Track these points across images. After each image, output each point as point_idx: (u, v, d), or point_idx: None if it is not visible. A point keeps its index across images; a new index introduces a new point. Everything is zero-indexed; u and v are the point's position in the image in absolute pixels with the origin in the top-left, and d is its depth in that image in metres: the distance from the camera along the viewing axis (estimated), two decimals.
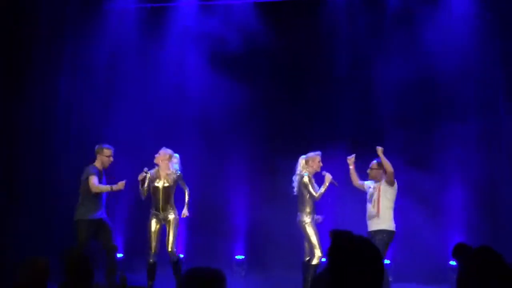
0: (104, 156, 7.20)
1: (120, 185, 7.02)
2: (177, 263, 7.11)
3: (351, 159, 7.34)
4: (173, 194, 7.22)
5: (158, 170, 7.21)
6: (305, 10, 9.18)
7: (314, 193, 7.13)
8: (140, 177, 7.07)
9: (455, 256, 5.37)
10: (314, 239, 7.12)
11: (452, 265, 8.18)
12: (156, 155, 7.22)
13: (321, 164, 7.32)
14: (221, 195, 8.92)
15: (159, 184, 7.17)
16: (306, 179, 7.19)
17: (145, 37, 9.46)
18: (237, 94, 9.05)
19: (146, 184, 7.10)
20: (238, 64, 9.21)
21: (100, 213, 7.15)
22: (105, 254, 7.10)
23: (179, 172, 7.22)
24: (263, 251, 8.94)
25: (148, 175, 7.11)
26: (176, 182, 7.21)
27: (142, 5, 9.54)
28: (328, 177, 7.19)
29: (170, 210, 7.17)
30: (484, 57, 8.69)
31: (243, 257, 9.15)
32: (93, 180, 6.99)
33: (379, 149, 7.02)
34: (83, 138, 8.93)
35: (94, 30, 9.21)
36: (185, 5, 9.56)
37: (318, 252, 7.07)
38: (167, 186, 7.16)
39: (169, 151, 7.30)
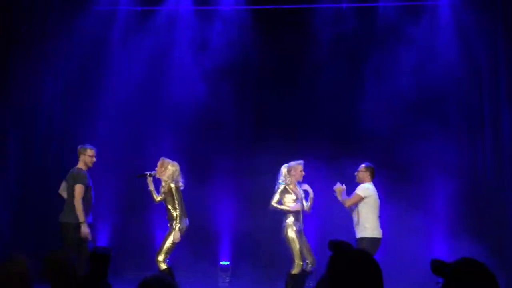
0: (87, 155, 7.11)
1: (85, 232, 6.82)
2: (162, 272, 6.93)
3: (337, 187, 7.14)
4: (170, 205, 7.01)
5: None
6: (296, 17, 9.19)
7: (273, 202, 7.12)
8: (139, 175, 7.12)
9: (436, 274, 5.37)
10: (294, 247, 7.05)
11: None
12: (156, 168, 7.14)
13: (303, 173, 7.27)
14: (206, 200, 8.86)
15: (162, 194, 7.11)
16: (279, 188, 7.18)
17: (133, 39, 9.43)
18: (224, 98, 9.10)
19: (151, 188, 7.10)
20: (226, 69, 9.19)
21: (89, 218, 7.06)
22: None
23: (173, 183, 6.99)
24: (248, 257, 8.93)
25: (148, 177, 7.09)
26: (169, 193, 7.02)
27: (132, 7, 9.50)
28: (297, 206, 7.10)
29: (171, 221, 7.04)
30: (469, 67, 8.77)
31: (228, 263, 9.10)
32: (80, 190, 6.87)
33: (338, 189, 7.04)
34: (66, 138, 8.85)
35: (79, 30, 9.12)
36: (175, 8, 9.53)
37: (298, 261, 7.01)
38: (164, 197, 7.08)
39: (166, 160, 7.15)
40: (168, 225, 7.09)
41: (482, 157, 8.60)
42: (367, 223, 6.81)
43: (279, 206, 7.15)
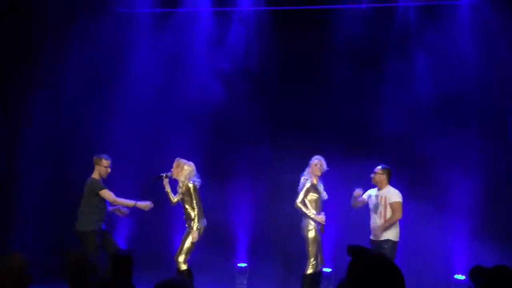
0: (102, 166, 7.16)
1: (147, 205, 7.10)
2: (181, 273, 6.95)
3: (357, 193, 7.13)
4: (188, 205, 7.05)
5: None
6: (314, 17, 9.13)
7: (298, 201, 7.10)
8: (156, 177, 7.15)
9: (472, 279, 5.32)
10: (312, 247, 7.06)
11: (457, 279, 8.10)
12: (172, 169, 7.16)
13: (321, 168, 7.21)
14: (223, 201, 8.84)
15: (180, 194, 7.14)
16: (304, 186, 7.15)
17: (151, 40, 9.45)
18: (241, 99, 9.09)
19: (168, 189, 7.14)
20: (243, 69, 9.22)
21: (103, 225, 7.13)
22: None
23: (191, 183, 7.01)
24: (266, 259, 8.90)
25: (165, 178, 7.12)
26: (187, 192, 7.04)
27: (151, 10, 9.53)
28: (321, 218, 7.11)
29: (189, 222, 7.07)
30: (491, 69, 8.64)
31: (245, 265, 9.07)
32: (108, 193, 7.02)
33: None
34: (89, 142, 8.86)
35: (101, 33, 9.16)
36: (195, 10, 9.54)
37: (312, 260, 7.04)
38: (181, 198, 7.10)
39: (182, 160, 7.18)
40: (186, 225, 7.11)
41: (503, 155, 8.43)
42: (395, 226, 6.86)
43: (304, 209, 7.10)
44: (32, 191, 8.78)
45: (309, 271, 7.03)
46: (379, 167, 7.06)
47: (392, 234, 6.83)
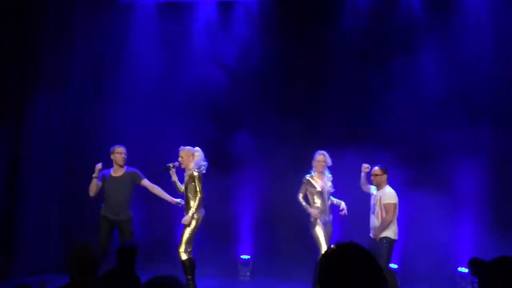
0: (116, 153, 7.29)
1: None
2: (183, 264, 6.98)
3: (366, 167, 7.28)
4: (190, 193, 7.03)
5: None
6: (319, 10, 9.11)
7: (300, 196, 7.28)
8: (164, 168, 7.17)
9: (472, 272, 5.31)
10: (319, 240, 7.11)
11: (461, 272, 8.08)
12: (179, 159, 7.13)
13: (323, 163, 7.28)
14: (226, 194, 8.84)
15: (186, 183, 7.13)
16: (303, 179, 7.27)
17: (154, 31, 9.44)
18: (245, 91, 9.12)
19: (175, 179, 7.21)
20: (248, 63, 9.18)
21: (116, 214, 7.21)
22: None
23: (196, 171, 7.00)
24: (268, 251, 8.90)
25: (172, 168, 7.15)
26: (191, 180, 7.02)
27: (154, 1, 9.50)
28: (311, 211, 7.20)
29: (188, 211, 7.05)
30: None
31: (248, 257, 9.07)
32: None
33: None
34: (94, 134, 8.90)
35: (105, 25, 9.15)
36: (200, 1, 9.50)
37: (323, 250, 7.01)
38: (187, 186, 7.08)
39: (187, 148, 7.16)
40: (185, 213, 7.08)
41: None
42: (392, 225, 6.92)
43: (303, 203, 7.27)
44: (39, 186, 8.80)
45: None
46: (377, 168, 7.12)
47: (389, 232, 6.91)
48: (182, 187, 7.21)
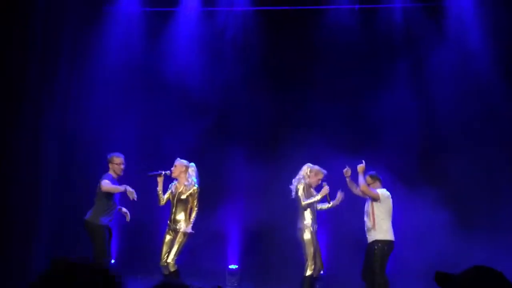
0: (115, 164, 7.29)
1: (131, 193, 7.05)
2: (169, 275, 6.91)
3: (347, 171, 7.34)
4: (188, 206, 7.07)
5: (177, 183, 7.16)
6: (306, 19, 9.14)
7: (302, 201, 7.13)
8: (153, 174, 7.10)
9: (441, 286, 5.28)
10: (310, 249, 7.07)
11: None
12: (172, 168, 7.14)
13: (319, 181, 7.34)
14: (214, 203, 8.76)
15: (176, 195, 7.08)
16: (300, 186, 7.21)
17: (144, 40, 9.43)
18: (237, 100, 9.10)
19: (160, 188, 7.09)
20: (236, 70, 9.18)
21: (107, 220, 7.16)
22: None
23: (197, 186, 7.07)
24: (257, 260, 8.87)
25: (160, 177, 7.08)
26: (192, 195, 7.06)
27: (142, 8, 9.50)
28: (325, 190, 7.17)
29: (182, 222, 7.04)
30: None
31: (236, 266, 9.01)
32: (104, 181, 7.08)
33: (360, 167, 7.14)
34: (80, 140, 8.82)
35: (93, 32, 9.13)
36: (185, 10, 9.50)
37: (310, 263, 7.05)
38: (182, 199, 7.06)
39: (185, 162, 7.19)
40: (176, 226, 7.05)
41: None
42: (384, 225, 6.94)
43: (311, 200, 7.18)
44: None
45: (308, 273, 7.04)
46: (367, 177, 7.16)
47: (380, 235, 6.92)
48: (164, 199, 7.14)
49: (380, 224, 6.94)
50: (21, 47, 8.53)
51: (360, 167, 7.13)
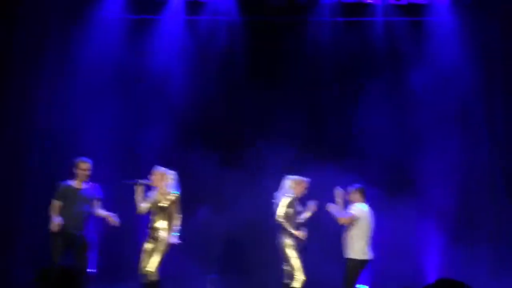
0: (79, 169, 7.08)
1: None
2: (150, 284, 6.83)
3: (339, 193, 7.20)
4: (169, 215, 6.96)
5: (156, 191, 7.04)
6: (288, 30, 9.21)
7: (280, 215, 7.09)
8: (127, 183, 6.96)
9: None
10: (295, 262, 7.06)
11: None
12: (149, 176, 7.03)
13: (305, 190, 7.30)
14: (194, 212, 8.75)
15: (155, 204, 6.97)
16: (286, 200, 7.14)
17: (126, 46, 9.38)
18: (219, 110, 9.08)
19: (140, 197, 6.94)
20: (220, 78, 9.21)
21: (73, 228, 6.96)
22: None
23: (177, 193, 6.99)
24: (236, 270, 8.81)
25: (140, 186, 6.94)
26: (173, 203, 6.97)
27: (126, 15, 9.47)
28: (312, 207, 7.20)
29: (162, 231, 6.95)
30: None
31: (216, 276, 8.95)
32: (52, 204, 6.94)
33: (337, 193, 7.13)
34: (61, 145, 8.72)
35: (76, 38, 9.08)
36: (170, 18, 9.50)
37: (300, 276, 7.02)
38: (162, 206, 6.96)
39: (162, 169, 7.08)
40: (156, 235, 6.95)
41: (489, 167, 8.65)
42: (357, 245, 6.91)
43: (286, 226, 7.10)
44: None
45: (297, 285, 7.01)
46: (352, 188, 7.15)
47: (352, 253, 6.93)
48: (143, 207, 6.99)
49: (352, 243, 6.94)
50: (2, 51, 8.50)
51: (338, 193, 7.13)
